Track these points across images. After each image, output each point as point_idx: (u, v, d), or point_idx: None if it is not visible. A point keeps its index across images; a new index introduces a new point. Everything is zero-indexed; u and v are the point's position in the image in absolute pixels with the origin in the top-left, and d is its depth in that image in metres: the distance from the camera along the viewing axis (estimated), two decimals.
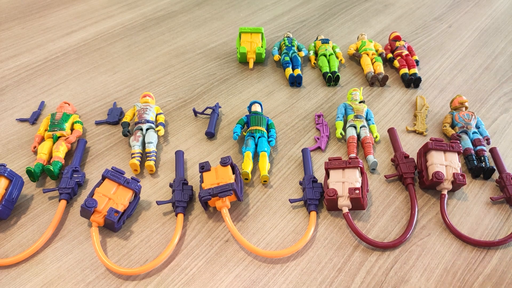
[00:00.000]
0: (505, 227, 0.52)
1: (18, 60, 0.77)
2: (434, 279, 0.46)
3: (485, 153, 0.59)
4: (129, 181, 0.50)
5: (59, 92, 0.70)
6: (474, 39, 0.88)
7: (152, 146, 0.58)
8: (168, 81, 0.73)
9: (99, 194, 0.49)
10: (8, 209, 0.49)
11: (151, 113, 0.62)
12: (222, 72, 0.76)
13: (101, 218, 0.47)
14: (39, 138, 0.59)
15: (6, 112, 0.66)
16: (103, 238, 0.49)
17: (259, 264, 0.47)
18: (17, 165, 0.57)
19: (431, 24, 0.93)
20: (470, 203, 0.54)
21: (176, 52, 0.81)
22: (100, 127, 0.64)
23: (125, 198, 0.49)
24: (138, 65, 0.77)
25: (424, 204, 0.54)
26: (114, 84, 0.72)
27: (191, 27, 0.89)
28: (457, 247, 0.49)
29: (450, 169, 0.54)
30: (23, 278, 0.45)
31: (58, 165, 0.55)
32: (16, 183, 0.50)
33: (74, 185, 0.52)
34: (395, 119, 0.67)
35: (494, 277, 0.46)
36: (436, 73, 0.78)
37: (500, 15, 0.98)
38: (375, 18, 0.95)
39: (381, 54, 0.78)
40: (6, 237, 0.49)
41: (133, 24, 0.89)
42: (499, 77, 0.77)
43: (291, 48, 0.78)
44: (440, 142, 0.55)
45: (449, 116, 0.65)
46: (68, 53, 0.80)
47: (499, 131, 0.65)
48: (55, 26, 0.87)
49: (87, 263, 0.46)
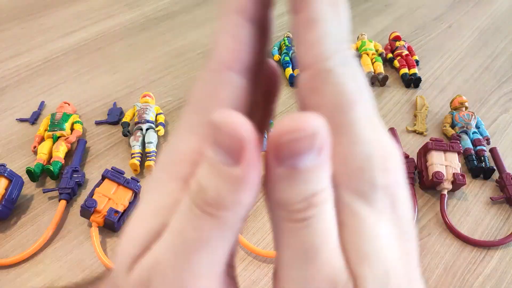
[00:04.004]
0: (505, 227, 0.52)
1: (18, 60, 0.77)
2: (434, 279, 0.46)
3: (485, 153, 0.59)
4: (129, 181, 0.50)
5: (59, 92, 0.70)
6: (474, 39, 0.88)
7: (152, 146, 0.58)
8: (168, 81, 0.73)
9: (99, 194, 0.49)
10: (8, 209, 0.49)
11: (151, 113, 0.62)
12: None
13: (101, 218, 0.47)
14: (39, 138, 0.59)
15: (6, 112, 0.66)
16: (103, 238, 0.49)
17: (259, 264, 0.47)
18: (17, 165, 0.57)
19: (431, 24, 0.93)
20: (470, 203, 0.54)
21: (176, 52, 0.81)
22: (100, 127, 0.64)
23: (125, 198, 0.49)
24: (138, 65, 0.77)
25: (424, 204, 0.54)
26: (114, 84, 0.72)
27: (191, 27, 0.89)
28: (457, 247, 0.49)
29: (450, 169, 0.54)
30: (23, 278, 0.45)
31: (58, 165, 0.55)
32: (16, 183, 0.50)
33: (74, 185, 0.52)
34: (395, 119, 0.67)
35: (494, 277, 0.46)
36: (436, 73, 0.78)
37: (500, 15, 0.98)
38: (375, 18, 0.95)
39: (381, 54, 0.78)
40: (6, 237, 0.49)
41: (133, 24, 0.89)
42: (499, 77, 0.77)
43: (291, 48, 0.78)
44: (440, 142, 0.55)
45: (449, 116, 0.65)
46: (68, 53, 0.80)
47: (499, 131, 0.65)
48: (55, 26, 0.87)
49: (87, 263, 0.46)
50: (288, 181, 0.12)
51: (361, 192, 0.13)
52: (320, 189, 0.12)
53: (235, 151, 0.11)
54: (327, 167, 0.12)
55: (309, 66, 0.13)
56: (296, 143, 0.11)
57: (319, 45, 0.13)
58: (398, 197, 0.13)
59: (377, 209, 0.13)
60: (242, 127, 0.11)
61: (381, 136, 0.14)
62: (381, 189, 0.13)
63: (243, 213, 0.12)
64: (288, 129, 0.11)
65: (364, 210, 0.13)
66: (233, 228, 0.12)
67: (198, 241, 0.12)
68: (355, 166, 0.13)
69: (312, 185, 0.12)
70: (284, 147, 0.12)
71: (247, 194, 0.12)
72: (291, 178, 0.12)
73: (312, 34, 0.13)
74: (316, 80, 0.13)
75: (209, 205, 0.12)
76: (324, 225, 0.12)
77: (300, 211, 0.12)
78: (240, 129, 0.11)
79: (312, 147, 0.11)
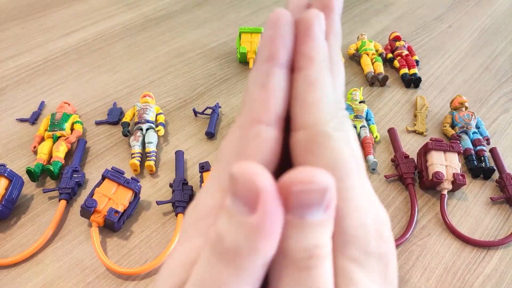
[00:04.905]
0: (505, 227, 0.52)
1: (18, 60, 0.77)
2: (434, 279, 0.46)
3: (485, 153, 0.59)
4: (129, 181, 0.50)
5: (59, 92, 0.70)
6: (474, 39, 0.88)
7: (152, 146, 0.58)
8: (168, 81, 0.73)
9: (99, 194, 0.49)
10: (8, 209, 0.49)
11: (151, 113, 0.62)
12: (222, 72, 0.76)
13: (101, 218, 0.47)
14: (39, 138, 0.59)
15: (6, 112, 0.66)
16: (103, 238, 0.49)
17: None
18: (17, 165, 0.57)
19: (431, 24, 0.93)
20: (470, 203, 0.54)
21: (176, 52, 0.81)
22: (100, 127, 0.64)
23: (125, 198, 0.49)
24: (138, 65, 0.77)
25: (424, 204, 0.54)
26: (114, 84, 0.72)
27: (191, 27, 0.89)
28: (457, 247, 0.49)
29: (450, 169, 0.54)
30: (23, 278, 0.45)
31: (58, 165, 0.55)
32: (16, 183, 0.50)
33: (74, 185, 0.52)
34: (395, 119, 0.67)
35: (494, 277, 0.46)
36: (436, 73, 0.78)
37: (500, 15, 0.98)
38: (375, 18, 0.95)
39: (381, 54, 0.78)
40: (6, 237, 0.49)
41: (133, 24, 0.89)
42: (499, 77, 0.77)
43: None
44: (440, 142, 0.55)
45: (449, 116, 0.65)
46: (68, 53, 0.80)
47: (499, 131, 0.65)
48: (55, 26, 0.87)
49: (87, 263, 0.46)
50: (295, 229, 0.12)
51: (357, 258, 0.13)
52: (322, 243, 0.13)
53: (251, 200, 0.12)
54: (331, 226, 0.13)
55: (307, 127, 0.14)
56: (307, 195, 0.12)
57: (318, 107, 0.14)
58: (389, 265, 0.14)
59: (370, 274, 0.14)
60: (258, 177, 0.12)
61: (374, 203, 0.14)
62: (375, 256, 0.14)
63: (262, 261, 0.12)
64: (302, 180, 0.12)
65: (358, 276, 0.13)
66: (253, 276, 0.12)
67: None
68: (351, 233, 0.14)
69: (317, 238, 0.12)
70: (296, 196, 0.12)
71: (264, 242, 0.12)
72: (298, 227, 0.12)
73: (311, 96, 0.14)
74: (313, 142, 0.14)
75: (226, 254, 0.12)
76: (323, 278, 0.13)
77: (302, 260, 0.12)
78: (256, 178, 0.12)
79: (321, 202, 0.12)
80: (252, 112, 0.14)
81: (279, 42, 0.14)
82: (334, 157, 0.14)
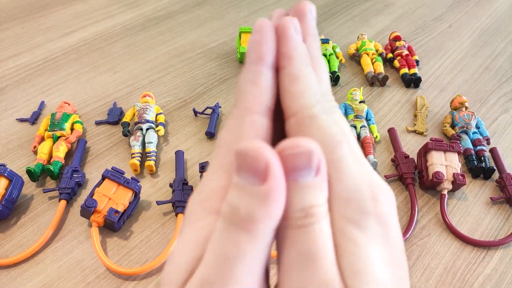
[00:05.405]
0: (505, 227, 0.52)
1: (18, 60, 0.77)
2: (434, 279, 0.46)
3: (485, 153, 0.59)
4: (129, 181, 0.50)
5: (59, 92, 0.70)
6: (474, 39, 0.88)
7: (152, 146, 0.58)
8: (168, 81, 0.73)
9: (99, 194, 0.49)
10: (8, 209, 0.49)
11: (151, 113, 0.62)
12: (222, 72, 0.76)
13: (101, 218, 0.47)
14: (39, 138, 0.59)
15: (6, 112, 0.66)
16: (103, 238, 0.49)
17: None
18: (17, 165, 0.57)
19: (431, 24, 0.93)
20: (470, 203, 0.54)
21: (176, 52, 0.81)
22: (100, 127, 0.64)
23: (125, 198, 0.49)
24: (138, 65, 0.77)
25: (424, 204, 0.54)
26: (114, 84, 0.72)
27: (191, 27, 0.89)
28: (457, 247, 0.49)
29: (450, 169, 0.54)
30: (23, 278, 0.45)
31: (58, 165, 0.55)
32: (16, 183, 0.50)
33: (74, 185, 0.52)
34: (395, 119, 0.67)
35: (494, 277, 0.46)
36: (436, 73, 0.78)
37: (500, 15, 0.98)
38: (375, 18, 0.95)
39: (381, 54, 0.78)
40: (6, 237, 0.49)
41: (133, 24, 0.89)
42: (499, 77, 0.77)
43: None
44: (440, 142, 0.55)
45: (449, 116, 0.65)
46: (68, 53, 0.80)
47: (499, 131, 0.65)
48: (55, 26, 0.87)
49: (87, 263, 0.46)
50: (290, 192, 0.14)
51: (353, 218, 0.14)
52: (317, 204, 0.14)
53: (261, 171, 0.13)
54: (324, 189, 0.14)
55: (295, 114, 0.16)
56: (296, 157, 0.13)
57: (303, 96, 0.16)
58: (389, 227, 0.15)
59: (368, 233, 0.14)
60: (265, 150, 0.13)
61: (367, 171, 0.16)
62: (372, 216, 0.15)
63: (273, 224, 0.14)
64: (289, 146, 0.13)
65: (356, 234, 0.14)
66: (266, 239, 0.14)
67: (237, 255, 0.13)
68: (346, 197, 0.15)
69: (311, 199, 0.14)
70: (287, 159, 0.13)
71: (276, 206, 0.13)
72: (293, 189, 0.14)
73: (296, 87, 0.16)
74: (302, 124, 0.16)
75: (243, 221, 0.13)
76: (321, 236, 0.14)
77: (299, 219, 0.14)
78: (263, 151, 0.13)
79: (310, 164, 0.13)
80: (247, 104, 0.16)
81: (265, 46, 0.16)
82: (321, 133, 0.15)
